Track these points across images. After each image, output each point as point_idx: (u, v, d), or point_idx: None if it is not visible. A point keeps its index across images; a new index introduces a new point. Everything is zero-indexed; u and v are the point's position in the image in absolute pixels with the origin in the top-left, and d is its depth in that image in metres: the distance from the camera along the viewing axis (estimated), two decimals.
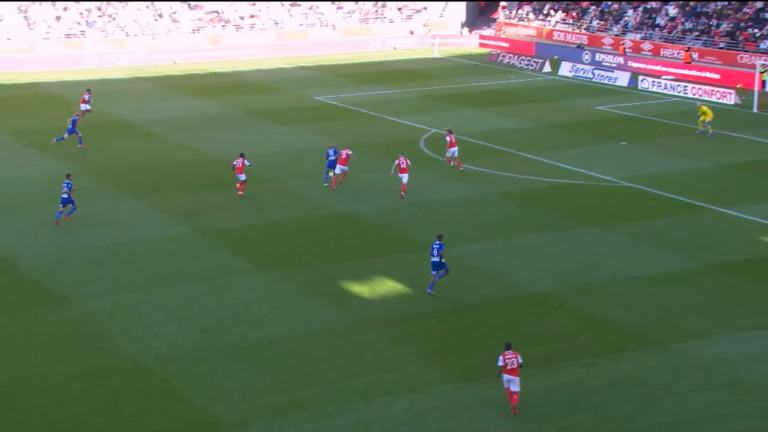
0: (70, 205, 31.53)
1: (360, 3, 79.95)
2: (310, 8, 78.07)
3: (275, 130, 46.54)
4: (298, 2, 78.50)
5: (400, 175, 34.25)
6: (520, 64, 66.24)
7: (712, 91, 52.55)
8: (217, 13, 75.22)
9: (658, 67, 60.51)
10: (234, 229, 31.35)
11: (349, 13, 78.94)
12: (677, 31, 64.80)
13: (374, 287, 26.32)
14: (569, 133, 45.00)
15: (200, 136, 45.24)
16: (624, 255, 28.60)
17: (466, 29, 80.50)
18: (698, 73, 58.07)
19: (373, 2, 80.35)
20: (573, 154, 40.63)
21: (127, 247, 29.81)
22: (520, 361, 19.67)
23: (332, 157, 35.85)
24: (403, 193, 34.35)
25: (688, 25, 64.54)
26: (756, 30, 60.23)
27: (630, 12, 69.95)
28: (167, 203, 34.21)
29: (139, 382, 21.25)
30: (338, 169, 35.66)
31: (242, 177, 34.88)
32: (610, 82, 58.82)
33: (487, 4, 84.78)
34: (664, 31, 65.58)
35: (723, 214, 32.24)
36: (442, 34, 77.70)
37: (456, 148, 37.60)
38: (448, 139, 38.15)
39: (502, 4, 79.67)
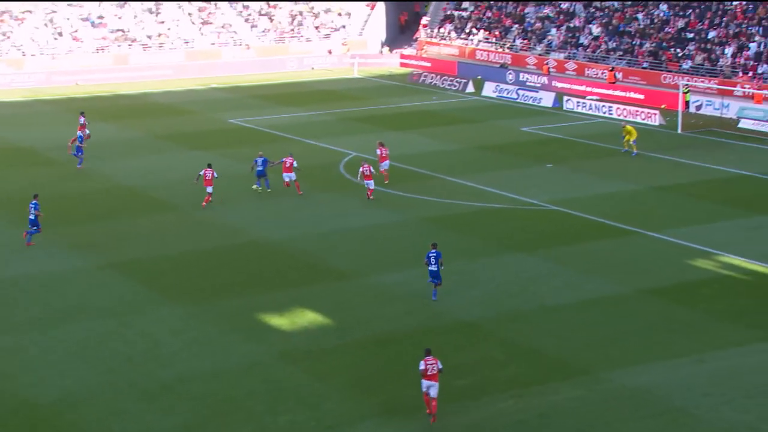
0: (35, 227, 31.94)
1: (276, 19, 80.00)
2: (223, 26, 77.79)
3: (187, 155, 46.12)
4: (209, 11, 78.13)
5: (365, 182, 37.25)
6: (443, 84, 67.13)
7: (637, 111, 54.06)
8: (123, 31, 74.36)
9: (582, 87, 62.02)
10: (143, 261, 30.91)
11: (263, 31, 78.91)
12: (601, 51, 66.58)
13: (294, 319, 26.22)
14: (494, 156, 45.72)
15: (106, 163, 44.56)
16: (552, 280, 29.11)
17: (386, 48, 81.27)
18: (623, 94, 59.71)
19: (290, 20, 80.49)
20: (498, 177, 41.27)
21: (29, 281, 29.09)
22: (440, 366, 20.77)
23: (260, 167, 38.09)
24: (370, 196, 37.45)
25: (612, 44, 66.39)
26: (678, 50, 62.29)
27: (553, 31, 71.62)
28: (71, 234, 33.55)
29: (42, 427, 20.68)
30: (287, 177, 38.27)
31: (209, 189, 36.46)
32: (535, 103, 60.03)
33: (408, 23, 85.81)
34: (588, 50, 67.32)
35: (650, 238, 33.10)
36: (362, 53, 78.25)
37: (388, 162, 39.77)
38: (378, 152, 39.99)
39: (424, 22, 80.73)
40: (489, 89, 63.81)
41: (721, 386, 22.37)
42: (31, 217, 31.81)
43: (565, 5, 73.11)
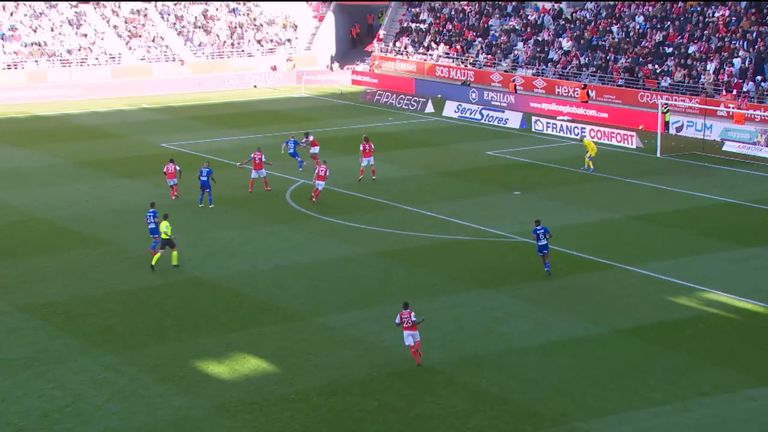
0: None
1: (213, 32, 79.93)
2: (153, 40, 77.55)
3: (114, 183, 45.73)
4: (138, 22, 77.87)
5: (316, 181, 41.20)
6: (399, 103, 67.50)
7: (612, 133, 54.71)
8: (39, 45, 73.78)
9: (552, 107, 62.71)
10: (61, 303, 30.48)
11: (199, 45, 78.81)
12: (572, 67, 67.42)
13: (234, 366, 26.00)
14: (456, 182, 45.96)
15: (19, 193, 44.06)
16: (520, 320, 29.20)
17: (336, 64, 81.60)
18: (596, 114, 60.45)
19: (229, 32, 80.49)
20: (461, 206, 41.45)
21: None
22: (413, 318, 25.65)
23: (204, 177, 40.64)
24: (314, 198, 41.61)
25: (584, 59, 67.27)
26: (656, 65, 63.27)
27: (520, 45, 72.43)
28: None
29: None
30: (255, 174, 43.21)
31: (174, 181, 41.72)
32: (501, 124, 60.55)
33: (360, 36, 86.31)
34: (558, 66, 68.14)
35: (628, 272, 33.38)
36: (310, 69, 78.52)
37: (372, 158, 44.96)
38: (362, 147, 45.03)
39: (379, 35, 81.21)
40: (450, 109, 64.24)
41: None
42: (152, 226, 34.15)
43: (532, 17, 74.03)
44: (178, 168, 41.59)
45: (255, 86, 76.08)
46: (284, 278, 32.82)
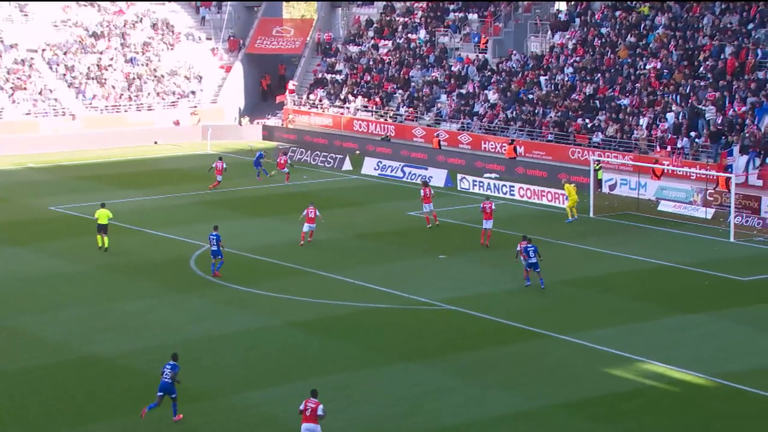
0: (220, 257, 39.72)
1: (108, 84, 79.59)
2: (40, 92, 76.88)
3: None
4: (23, 72, 77.18)
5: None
6: (314, 160, 67.86)
7: (542, 192, 55.67)
8: None
9: (478, 164, 63.62)
10: None
11: (93, 98, 78.36)
12: (499, 121, 68.66)
13: None
14: (377, 245, 46.20)
15: None
16: (449, 396, 29.33)
17: (246, 118, 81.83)
18: (525, 171, 61.43)
19: (126, 84, 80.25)
20: (382, 272, 41.66)
21: None
22: (320, 413, 25.70)
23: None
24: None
25: (511, 113, 68.56)
26: (587, 120, 64.75)
27: (443, 97, 73.59)
28: None
29: None
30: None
31: (219, 178, 54.75)
32: None
33: (271, 88, 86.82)
34: (484, 120, 69.32)
35: (561, 342, 33.82)
36: (216, 124, 78.53)
37: (432, 204, 48.63)
38: (422, 192, 48.79)
39: (290, 87, 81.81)
40: (369, 166, 64.77)
41: None
42: (214, 248, 39.43)
43: (456, 68, 75.33)
44: (225, 166, 55.91)
45: (156, 143, 75.77)
46: (189, 353, 32.48)
